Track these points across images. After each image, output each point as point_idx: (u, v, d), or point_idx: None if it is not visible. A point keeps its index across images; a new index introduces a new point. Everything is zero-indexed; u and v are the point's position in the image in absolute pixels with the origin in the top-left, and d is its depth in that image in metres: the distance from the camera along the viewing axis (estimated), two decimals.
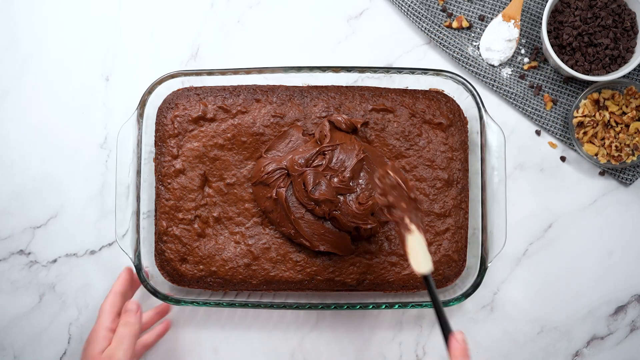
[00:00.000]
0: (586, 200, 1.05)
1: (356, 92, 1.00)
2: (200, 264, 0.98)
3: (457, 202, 0.99)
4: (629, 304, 1.04)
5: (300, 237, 0.96)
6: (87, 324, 1.05)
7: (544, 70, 1.06)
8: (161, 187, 0.98)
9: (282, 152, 0.98)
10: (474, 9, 1.07)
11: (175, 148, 0.99)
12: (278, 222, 0.97)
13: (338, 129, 0.97)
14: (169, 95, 1.00)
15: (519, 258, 1.05)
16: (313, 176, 0.94)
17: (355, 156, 0.95)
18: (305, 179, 0.94)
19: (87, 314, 1.06)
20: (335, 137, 0.96)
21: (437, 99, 1.00)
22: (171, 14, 1.09)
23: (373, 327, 1.04)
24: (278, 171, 0.96)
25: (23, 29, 1.09)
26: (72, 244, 1.06)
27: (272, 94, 1.00)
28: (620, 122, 1.02)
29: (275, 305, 0.96)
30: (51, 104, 1.08)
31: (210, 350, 1.05)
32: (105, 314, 0.94)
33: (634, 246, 1.05)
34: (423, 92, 1.01)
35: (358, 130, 0.98)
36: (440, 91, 1.01)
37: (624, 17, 1.01)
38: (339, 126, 0.97)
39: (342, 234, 0.96)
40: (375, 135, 0.99)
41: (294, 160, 0.95)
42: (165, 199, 0.98)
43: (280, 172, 0.96)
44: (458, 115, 1.00)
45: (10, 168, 1.07)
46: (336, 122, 0.97)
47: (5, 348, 1.05)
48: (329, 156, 0.95)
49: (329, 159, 0.95)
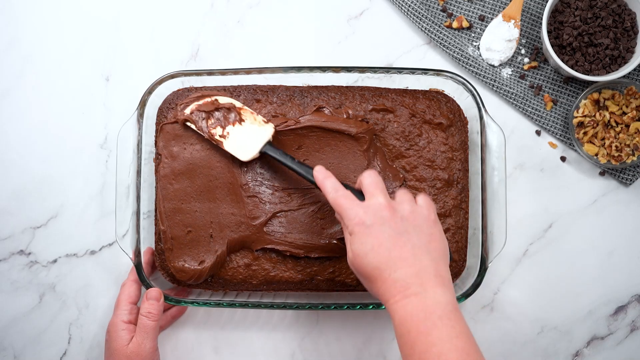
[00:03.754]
0: (586, 200, 1.05)
1: (356, 92, 1.00)
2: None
3: (457, 202, 0.99)
4: (629, 304, 1.04)
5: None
6: (87, 324, 1.05)
7: (544, 70, 1.06)
8: (161, 187, 0.98)
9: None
10: (474, 9, 1.07)
11: (175, 148, 0.98)
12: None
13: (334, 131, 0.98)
14: (169, 95, 1.00)
15: (519, 258, 1.05)
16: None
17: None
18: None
19: (87, 314, 1.06)
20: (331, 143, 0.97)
21: (437, 99, 1.00)
22: (171, 14, 1.09)
23: (373, 327, 1.04)
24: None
25: (23, 29, 1.09)
26: (72, 244, 1.06)
27: (272, 94, 1.00)
28: (621, 122, 1.02)
29: (276, 306, 0.96)
30: (51, 104, 1.08)
31: (210, 350, 1.05)
32: (122, 305, 0.95)
33: (634, 246, 1.05)
34: (423, 92, 1.01)
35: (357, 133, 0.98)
36: (441, 91, 1.01)
37: (624, 17, 1.01)
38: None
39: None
40: (375, 135, 0.99)
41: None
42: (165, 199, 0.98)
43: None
44: (458, 116, 1.00)
45: (10, 168, 1.07)
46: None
47: (5, 348, 1.05)
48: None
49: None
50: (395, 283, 0.76)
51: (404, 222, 0.80)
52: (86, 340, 1.05)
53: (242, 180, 0.98)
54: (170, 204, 0.98)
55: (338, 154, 0.98)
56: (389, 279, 0.77)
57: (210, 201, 0.98)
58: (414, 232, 0.79)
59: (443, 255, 0.80)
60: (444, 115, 0.99)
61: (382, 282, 0.77)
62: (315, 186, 0.87)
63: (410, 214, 0.81)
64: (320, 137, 0.98)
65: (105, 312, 1.04)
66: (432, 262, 0.78)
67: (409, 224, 0.80)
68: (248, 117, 0.96)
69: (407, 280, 0.76)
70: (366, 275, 0.79)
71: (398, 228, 0.79)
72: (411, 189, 0.98)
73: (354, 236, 0.79)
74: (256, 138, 0.95)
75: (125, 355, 0.91)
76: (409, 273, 0.76)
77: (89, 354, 1.05)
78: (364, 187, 0.83)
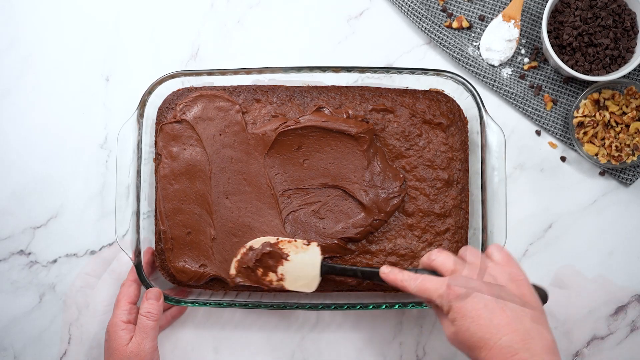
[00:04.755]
0: (586, 200, 1.05)
1: (356, 92, 1.00)
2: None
3: (457, 202, 0.99)
4: (629, 304, 1.04)
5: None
6: (87, 324, 1.05)
7: (544, 70, 1.06)
8: (161, 188, 0.98)
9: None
10: (474, 9, 1.07)
11: (175, 148, 0.98)
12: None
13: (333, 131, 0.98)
14: (169, 95, 1.00)
15: (519, 258, 1.05)
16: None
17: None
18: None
19: (87, 314, 1.05)
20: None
21: (437, 99, 1.00)
22: (171, 14, 1.09)
23: (373, 327, 1.04)
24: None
25: (23, 29, 1.09)
26: (72, 244, 1.06)
27: (272, 94, 1.00)
28: (621, 122, 1.02)
29: (276, 306, 0.96)
30: (51, 104, 1.08)
31: (210, 350, 1.05)
32: (122, 305, 0.95)
33: (634, 246, 1.05)
34: (423, 92, 1.01)
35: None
36: (441, 91, 1.01)
37: (624, 17, 1.01)
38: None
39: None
40: (375, 135, 0.99)
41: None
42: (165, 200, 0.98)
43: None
44: (458, 115, 1.00)
45: (10, 168, 1.07)
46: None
47: (5, 348, 1.05)
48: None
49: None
50: (502, 350, 0.76)
51: (493, 286, 0.79)
52: (86, 340, 1.05)
53: None
54: (170, 204, 0.98)
55: (338, 154, 0.98)
56: (495, 346, 0.76)
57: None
58: (506, 294, 0.79)
59: (541, 313, 0.79)
60: (444, 115, 0.99)
61: (487, 350, 0.76)
62: (385, 286, 0.86)
63: (498, 276, 0.80)
64: (320, 137, 0.98)
65: (105, 312, 1.04)
66: (534, 324, 0.77)
67: (499, 287, 0.79)
68: (289, 249, 0.93)
69: (514, 346, 0.75)
70: (471, 347, 0.78)
71: (492, 293, 0.78)
72: (411, 189, 0.98)
73: (452, 313, 0.78)
74: (310, 265, 0.93)
75: (125, 355, 0.91)
76: (514, 339, 0.76)
77: (88, 354, 1.05)
78: (438, 265, 0.83)
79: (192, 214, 0.98)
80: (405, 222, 0.98)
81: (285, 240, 0.94)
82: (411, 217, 0.98)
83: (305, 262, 0.92)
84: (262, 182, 0.97)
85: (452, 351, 1.03)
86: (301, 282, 0.93)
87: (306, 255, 0.93)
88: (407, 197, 0.99)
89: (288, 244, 0.93)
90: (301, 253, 0.93)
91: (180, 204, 0.98)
